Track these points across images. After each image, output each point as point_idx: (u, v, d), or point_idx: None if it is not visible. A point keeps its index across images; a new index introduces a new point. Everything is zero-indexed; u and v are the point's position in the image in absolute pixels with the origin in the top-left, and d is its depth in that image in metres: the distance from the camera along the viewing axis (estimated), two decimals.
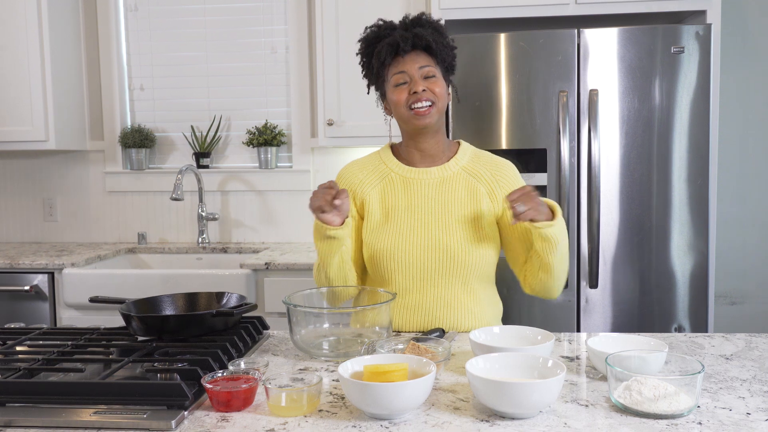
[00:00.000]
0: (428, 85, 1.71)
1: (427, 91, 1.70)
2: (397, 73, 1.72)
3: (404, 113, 1.73)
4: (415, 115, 1.71)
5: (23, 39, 3.15)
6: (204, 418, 1.17)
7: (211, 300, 1.71)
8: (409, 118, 1.73)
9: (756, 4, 3.18)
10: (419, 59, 1.72)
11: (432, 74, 1.72)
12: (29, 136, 3.20)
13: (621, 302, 2.60)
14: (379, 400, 1.12)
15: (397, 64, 1.72)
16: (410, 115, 1.72)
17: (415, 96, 1.70)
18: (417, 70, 1.71)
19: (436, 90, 1.71)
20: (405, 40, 1.70)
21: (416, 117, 1.71)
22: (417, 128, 1.74)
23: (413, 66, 1.71)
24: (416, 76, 1.71)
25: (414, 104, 1.71)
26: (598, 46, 2.55)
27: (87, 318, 2.84)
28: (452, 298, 1.74)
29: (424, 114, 1.71)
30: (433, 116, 1.72)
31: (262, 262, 2.83)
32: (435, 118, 1.73)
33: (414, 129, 1.75)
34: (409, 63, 1.71)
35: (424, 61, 1.72)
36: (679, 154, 2.55)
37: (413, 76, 1.71)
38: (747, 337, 1.63)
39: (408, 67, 1.71)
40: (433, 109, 1.72)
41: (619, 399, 1.17)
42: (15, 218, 3.61)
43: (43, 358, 1.39)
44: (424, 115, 1.71)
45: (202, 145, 3.44)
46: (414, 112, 1.71)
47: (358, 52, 1.81)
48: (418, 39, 1.70)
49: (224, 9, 3.45)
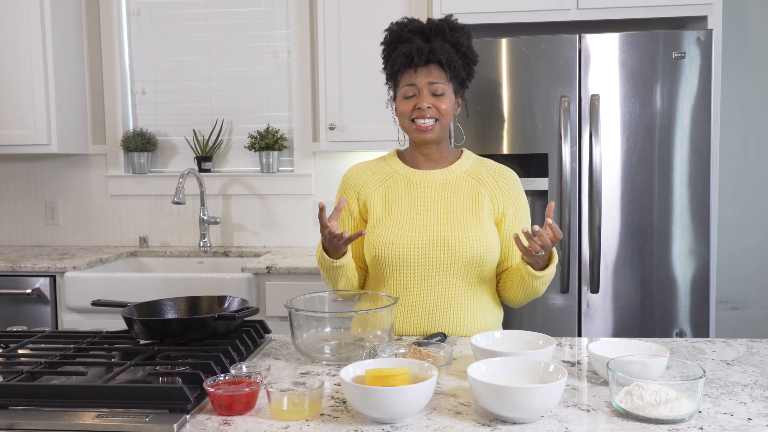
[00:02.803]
0: (435, 102, 1.74)
1: (432, 108, 1.74)
2: (408, 84, 1.75)
3: (407, 125, 1.79)
4: (417, 129, 1.76)
5: (26, 43, 3.16)
6: (206, 422, 1.17)
7: (213, 304, 1.71)
8: (411, 131, 1.79)
9: (757, 10, 3.18)
10: (431, 74, 1.74)
11: (441, 92, 1.75)
12: (32, 140, 3.20)
13: (622, 307, 2.60)
14: (380, 404, 1.13)
15: (409, 76, 1.75)
16: (412, 128, 1.77)
17: (420, 112, 1.74)
18: (426, 85, 1.74)
19: (441, 107, 1.75)
20: (420, 54, 1.71)
21: (417, 131, 1.76)
22: (417, 141, 1.80)
23: (423, 80, 1.74)
24: (424, 92, 1.74)
25: (417, 119, 1.74)
26: (600, 51, 2.56)
27: (89, 321, 2.84)
28: (453, 298, 1.75)
29: (425, 130, 1.75)
30: (435, 132, 1.77)
31: (263, 266, 2.83)
32: (437, 134, 1.78)
33: (416, 141, 1.81)
34: (420, 77, 1.74)
35: (435, 76, 1.74)
36: (680, 159, 2.56)
37: (422, 90, 1.74)
38: (748, 342, 1.63)
39: (418, 81, 1.74)
40: (437, 125, 1.76)
41: (620, 404, 1.17)
42: (17, 221, 3.61)
43: (45, 362, 1.40)
44: (425, 131, 1.75)
45: (204, 149, 3.45)
46: (416, 127, 1.76)
47: (382, 42, 1.83)
48: (432, 55, 1.72)
49: (226, 13, 3.45)
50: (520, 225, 1.81)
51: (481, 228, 1.75)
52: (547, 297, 2.60)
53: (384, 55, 1.83)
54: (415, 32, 1.75)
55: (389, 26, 1.81)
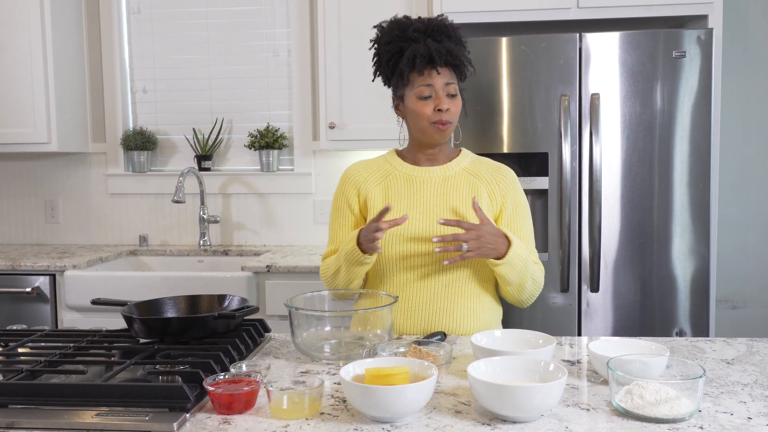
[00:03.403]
0: (450, 104, 1.75)
1: (450, 110, 1.75)
2: (425, 85, 1.74)
3: (426, 126, 1.77)
4: (438, 130, 1.76)
5: (26, 41, 3.16)
6: (206, 421, 1.17)
7: (213, 303, 1.71)
8: (432, 133, 1.77)
9: (757, 9, 3.18)
10: (446, 75, 1.75)
11: (455, 93, 1.77)
12: (31, 138, 3.20)
13: (622, 306, 2.60)
14: (380, 403, 1.13)
15: (426, 77, 1.74)
16: (433, 130, 1.76)
17: (439, 114, 1.74)
18: (443, 86, 1.74)
19: (455, 110, 1.77)
20: (440, 55, 1.71)
21: (438, 132, 1.76)
22: (432, 142, 1.80)
23: (441, 81, 1.74)
24: (442, 94, 1.74)
25: (436, 121, 1.75)
26: (600, 50, 2.55)
27: (88, 320, 2.84)
28: (453, 297, 1.75)
29: (444, 132, 1.76)
30: (449, 134, 1.79)
31: (263, 264, 2.83)
32: (449, 135, 1.80)
33: (429, 141, 1.80)
34: (438, 78, 1.74)
35: (450, 77, 1.76)
36: (680, 158, 2.56)
37: (438, 92, 1.74)
38: (748, 341, 1.63)
39: (436, 81, 1.74)
40: (450, 127, 1.78)
41: (620, 403, 1.17)
42: (17, 220, 3.61)
43: (45, 360, 1.40)
44: (444, 132, 1.77)
45: (204, 148, 3.45)
46: (436, 127, 1.75)
47: (373, 39, 1.82)
48: (450, 57, 1.73)
49: (226, 12, 3.45)
50: (519, 221, 1.82)
51: None
52: (547, 296, 2.60)
53: (383, 53, 1.79)
54: (420, 32, 1.74)
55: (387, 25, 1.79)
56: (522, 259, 1.70)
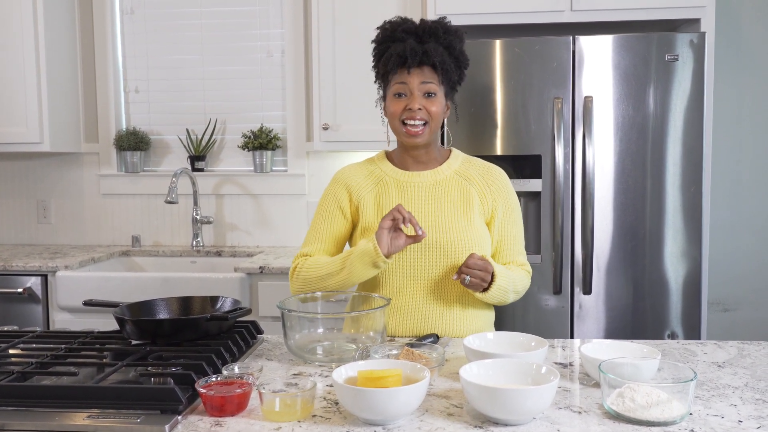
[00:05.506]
0: (426, 103, 1.73)
1: (422, 110, 1.73)
2: (399, 83, 1.74)
3: (397, 126, 1.77)
4: (407, 132, 1.75)
5: (18, 41, 3.14)
6: (198, 423, 1.17)
7: (206, 304, 1.71)
8: (400, 133, 1.77)
9: (750, 13, 3.19)
10: (424, 74, 1.73)
11: (433, 92, 1.74)
12: (24, 138, 3.19)
13: (614, 308, 2.61)
14: (373, 406, 1.13)
15: (401, 75, 1.74)
16: (402, 130, 1.76)
17: (410, 113, 1.73)
18: (418, 85, 1.73)
19: (432, 109, 1.74)
20: (413, 56, 1.70)
21: (407, 135, 1.75)
22: (406, 143, 1.79)
23: (415, 80, 1.73)
24: (416, 92, 1.73)
25: (407, 120, 1.74)
26: (593, 53, 2.56)
27: (80, 321, 2.83)
28: (445, 299, 1.75)
29: (415, 134, 1.75)
30: (425, 136, 1.76)
31: (256, 266, 2.82)
32: (426, 138, 1.77)
33: (404, 142, 1.79)
34: (412, 77, 1.73)
35: (428, 76, 1.73)
36: (672, 160, 2.57)
37: (413, 90, 1.73)
38: (739, 344, 1.64)
39: (410, 80, 1.73)
40: (426, 128, 1.75)
41: (612, 406, 1.17)
42: (9, 220, 3.60)
43: (36, 362, 1.39)
44: (415, 135, 1.75)
45: (197, 148, 3.44)
46: (405, 130, 1.75)
47: (374, 40, 1.82)
48: (426, 57, 1.71)
49: (220, 12, 3.45)
50: (510, 223, 1.82)
51: (472, 229, 1.75)
52: (539, 298, 2.61)
53: (375, 53, 1.81)
54: (408, 32, 1.74)
55: (382, 24, 1.80)
56: (502, 289, 1.71)
